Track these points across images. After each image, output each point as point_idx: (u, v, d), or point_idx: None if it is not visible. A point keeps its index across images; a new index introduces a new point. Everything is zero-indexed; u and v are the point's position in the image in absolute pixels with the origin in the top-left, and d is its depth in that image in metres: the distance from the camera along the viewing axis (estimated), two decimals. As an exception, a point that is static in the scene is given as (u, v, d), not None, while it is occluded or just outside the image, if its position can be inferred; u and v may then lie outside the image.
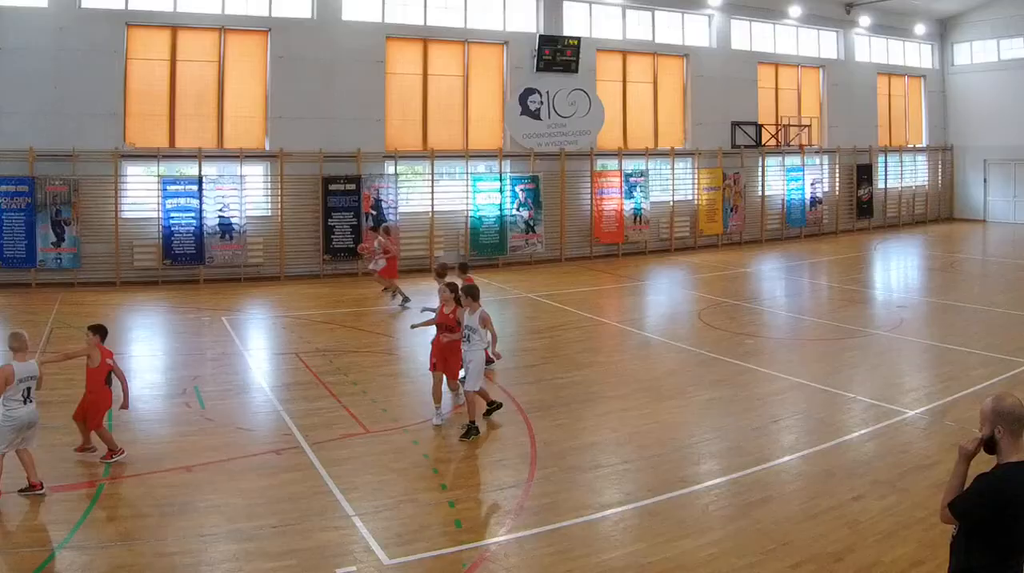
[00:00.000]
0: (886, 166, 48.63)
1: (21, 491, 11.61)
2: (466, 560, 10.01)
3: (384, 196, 33.75)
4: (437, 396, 15.02)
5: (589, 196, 38.27)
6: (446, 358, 15.25)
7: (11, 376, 11.53)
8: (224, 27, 32.16)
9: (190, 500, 11.58)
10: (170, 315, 25.54)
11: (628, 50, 39.79)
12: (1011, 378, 17.50)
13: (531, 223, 36.52)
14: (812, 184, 44.95)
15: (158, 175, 31.02)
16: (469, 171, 35.61)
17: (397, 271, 27.44)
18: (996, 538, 6.28)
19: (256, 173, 32.90)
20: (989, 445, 6.43)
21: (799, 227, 44.57)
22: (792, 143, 43.55)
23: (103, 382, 13.03)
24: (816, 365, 19.24)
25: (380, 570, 9.75)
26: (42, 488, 11.64)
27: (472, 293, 14.86)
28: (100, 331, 13.30)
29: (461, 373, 15.33)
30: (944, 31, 51.20)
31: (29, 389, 11.76)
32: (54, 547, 10.19)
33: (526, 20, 37.44)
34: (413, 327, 16.82)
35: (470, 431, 14.19)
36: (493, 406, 15.10)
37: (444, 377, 15.29)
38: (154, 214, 30.89)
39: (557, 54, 37.13)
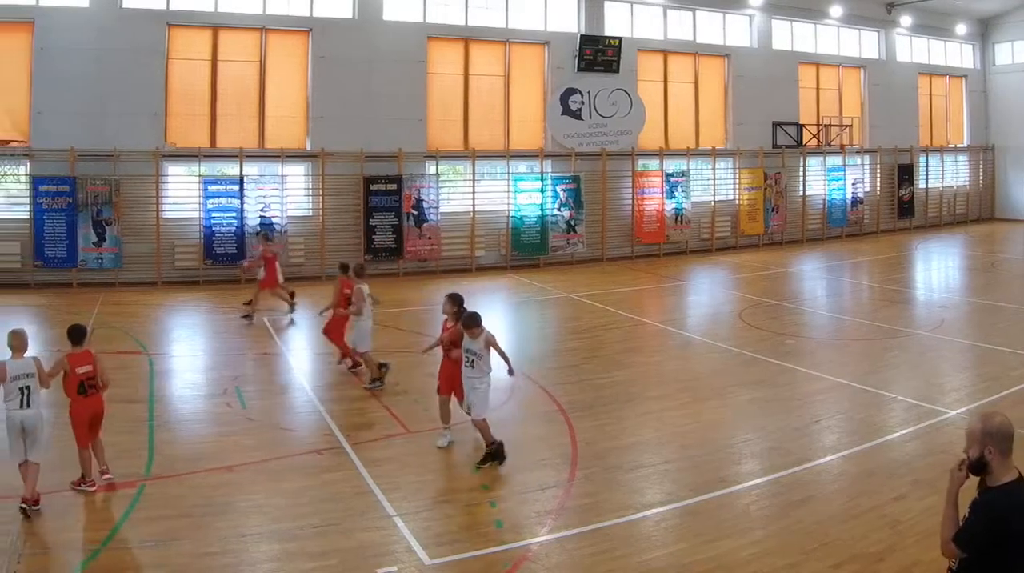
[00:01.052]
0: (927, 166, 46.45)
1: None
2: (507, 560, 9.73)
3: (425, 196, 32.18)
4: (445, 416, 13.63)
5: (630, 196, 36.59)
6: (453, 377, 13.46)
7: (4, 373, 10.96)
8: (265, 27, 30.74)
9: (231, 500, 11.26)
10: (211, 315, 24.39)
11: (669, 50, 37.97)
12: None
13: (572, 223, 34.87)
14: (853, 184, 42.92)
15: (199, 175, 29.70)
16: (510, 171, 34.09)
17: (277, 280, 24.18)
18: (1004, 565, 5.81)
19: (297, 173, 31.54)
20: (977, 467, 5.95)
21: (840, 227, 42.58)
22: (833, 143, 41.58)
23: (75, 391, 11.66)
24: (857, 365, 18.50)
25: (421, 570, 9.50)
26: (37, 504, 10.72)
27: (472, 322, 12.85)
28: (72, 334, 11.98)
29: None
30: (985, 31, 48.88)
31: (26, 389, 11.01)
32: (95, 547, 9.88)
33: (567, 20, 35.77)
34: (424, 352, 15.08)
35: (487, 457, 12.63)
36: (493, 447, 12.74)
37: (451, 398, 13.68)
38: (195, 214, 29.59)
39: (598, 54, 35.51)
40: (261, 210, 30.12)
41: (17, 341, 11.36)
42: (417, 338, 21.27)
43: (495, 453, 12.56)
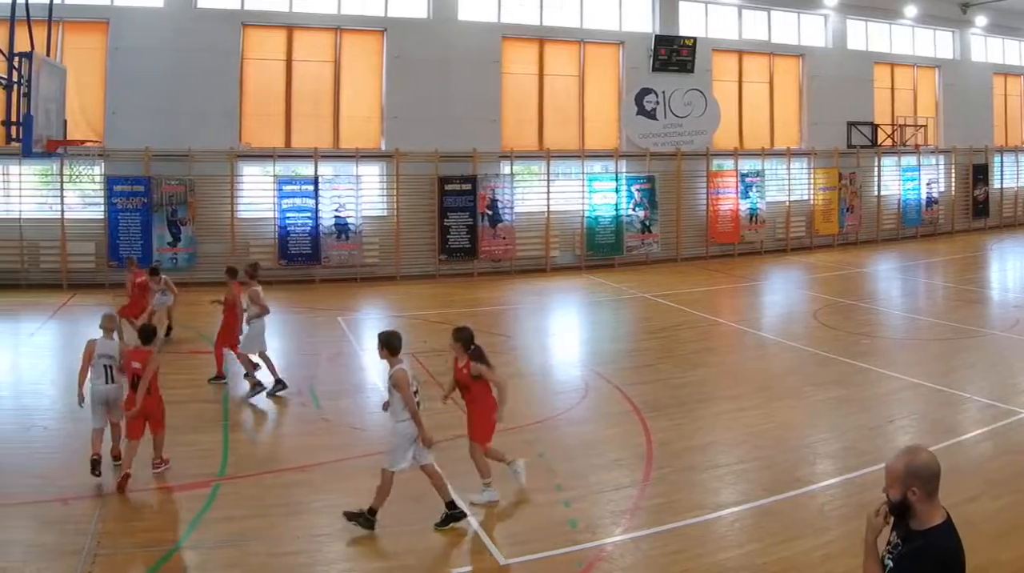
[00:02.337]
0: (1002, 166, 42.72)
1: (115, 459, 11.52)
2: (581, 560, 9.13)
3: (500, 196, 29.75)
4: (483, 468, 10.66)
5: (705, 196, 33.77)
6: (469, 417, 10.91)
7: (93, 351, 11.39)
8: (340, 27, 28.54)
9: (305, 500, 10.75)
10: (286, 315, 22.34)
11: (744, 50, 35.02)
12: None
13: (647, 223, 32.20)
14: (928, 184, 39.48)
15: (274, 175, 27.57)
16: (585, 171, 31.52)
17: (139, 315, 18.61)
18: None
19: (372, 173, 29.23)
20: (899, 509, 4.95)
21: (915, 227, 39.20)
22: (908, 143, 38.17)
23: (128, 384, 11.56)
24: (932, 365, 17.41)
25: (496, 570, 9.03)
26: (118, 460, 11.36)
27: (387, 343, 10.07)
28: (142, 333, 12.04)
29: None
30: (1059, 31, 45.18)
31: (109, 367, 11.38)
32: (170, 547, 9.37)
33: (642, 20, 32.99)
34: (444, 401, 11.41)
35: (448, 518, 9.81)
36: (452, 514, 9.90)
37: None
38: (270, 214, 27.52)
39: (673, 54, 32.74)
40: (336, 210, 27.87)
41: (109, 323, 11.70)
42: (490, 339, 19.24)
43: (445, 517, 9.81)
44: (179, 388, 14.44)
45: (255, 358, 15.41)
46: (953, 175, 40.97)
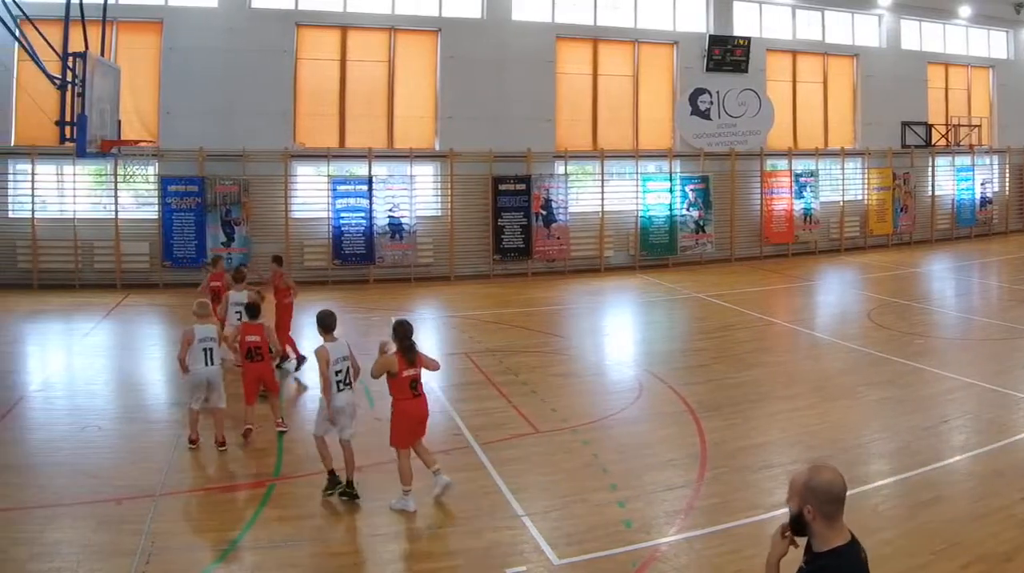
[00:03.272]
0: (1056, 166, 39.91)
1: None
2: (635, 560, 8.57)
3: (554, 196, 27.67)
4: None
5: (759, 196, 31.42)
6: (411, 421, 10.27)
7: (192, 337, 11.37)
8: (394, 27, 26.61)
9: (359, 500, 10.00)
10: (340, 315, 20.11)
11: (798, 50, 32.57)
12: None
13: (701, 223, 29.99)
14: (982, 184, 36.73)
15: (328, 175, 25.69)
16: (639, 171, 29.36)
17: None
18: None
19: (426, 173, 27.25)
20: (796, 525, 4.45)
21: (969, 227, 36.44)
22: (962, 143, 35.48)
23: (244, 356, 12.04)
24: (986, 365, 16.30)
25: (550, 570, 8.44)
26: (224, 445, 11.50)
27: (319, 322, 10.43)
28: (249, 310, 12.41)
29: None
30: (1113, 32, 42.33)
31: (209, 350, 11.45)
32: (225, 547, 8.85)
33: (696, 20, 30.71)
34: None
35: (336, 488, 10.16)
36: (346, 490, 10.11)
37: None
38: (324, 214, 25.67)
39: (727, 54, 30.49)
40: (390, 210, 26.00)
41: (204, 310, 11.76)
42: (545, 338, 18.98)
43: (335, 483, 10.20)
44: (232, 389, 13.04)
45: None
46: (1007, 175, 38.06)
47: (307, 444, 11.67)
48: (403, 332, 9.88)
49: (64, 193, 24.30)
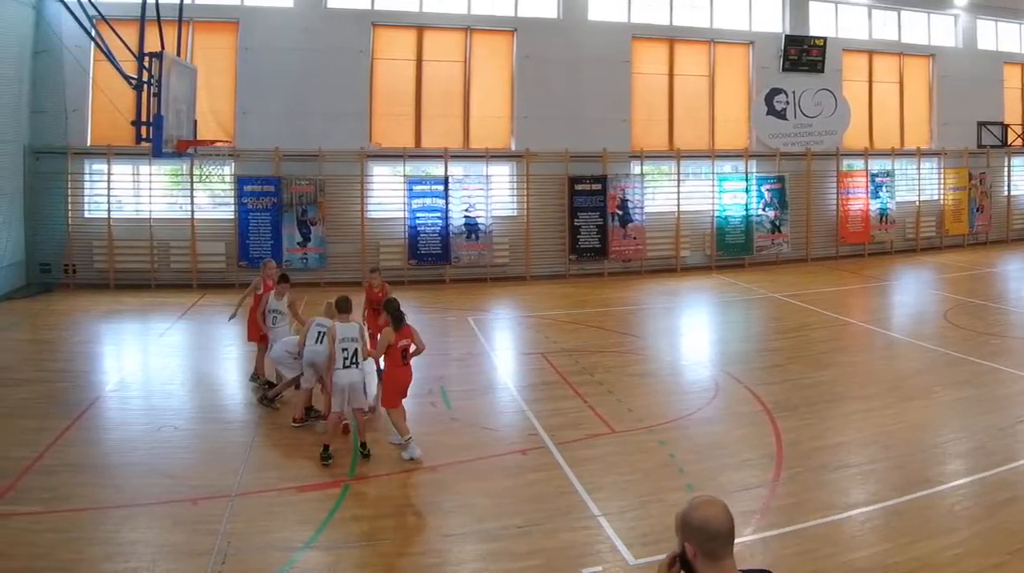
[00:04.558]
0: None
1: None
2: None
3: (630, 196, 24.92)
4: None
5: (835, 196, 28.20)
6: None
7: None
8: (470, 27, 24.01)
9: (435, 500, 9.22)
10: (417, 315, 18.46)
11: (874, 50, 29.36)
12: None
13: (777, 223, 26.97)
14: (1059, 185, 33.42)
15: (404, 175, 23.17)
16: (715, 171, 26.46)
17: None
18: None
19: (502, 173, 24.57)
20: (681, 561, 3.66)
21: (1045, 228, 32.92)
22: (1038, 143, 32.39)
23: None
24: None
25: (626, 570, 7.59)
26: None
27: (335, 305, 10.94)
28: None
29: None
30: None
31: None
32: (300, 546, 7.95)
33: (772, 20, 27.61)
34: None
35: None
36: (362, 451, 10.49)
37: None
38: (400, 214, 23.14)
39: (803, 54, 27.39)
40: (466, 210, 23.48)
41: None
42: (621, 338, 17.33)
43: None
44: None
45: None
46: (1085, 176, 34.53)
47: (382, 445, 10.80)
48: (393, 307, 10.38)
49: (140, 193, 22.09)
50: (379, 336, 10.51)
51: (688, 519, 3.68)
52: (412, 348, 10.49)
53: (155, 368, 14.97)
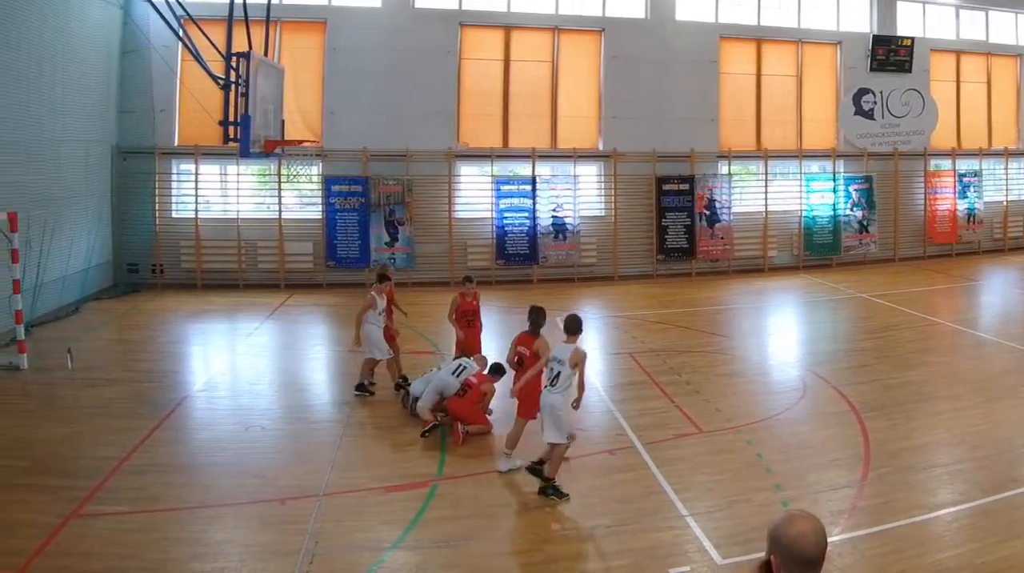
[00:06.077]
0: None
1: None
2: None
3: (717, 196, 21.95)
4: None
5: (923, 196, 24.76)
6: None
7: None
8: (558, 27, 21.19)
9: (524, 500, 8.23)
10: (502, 316, 16.61)
11: (961, 50, 25.90)
12: None
13: (865, 223, 23.67)
14: None
15: (491, 175, 20.51)
16: (803, 171, 23.30)
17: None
18: None
19: (589, 173, 21.66)
20: (767, 570, 3.01)
21: None
22: None
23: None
24: None
25: (714, 570, 6.85)
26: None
27: (569, 326, 8.69)
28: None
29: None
30: None
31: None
32: (388, 546, 7.27)
33: (859, 20, 24.22)
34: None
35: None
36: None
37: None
38: (487, 214, 20.47)
39: (891, 54, 24.05)
40: (553, 210, 20.72)
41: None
42: (708, 338, 15.64)
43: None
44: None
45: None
46: None
47: (469, 444, 9.83)
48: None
49: (228, 193, 19.77)
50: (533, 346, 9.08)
51: (779, 533, 2.98)
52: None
53: (242, 368, 13.57)
